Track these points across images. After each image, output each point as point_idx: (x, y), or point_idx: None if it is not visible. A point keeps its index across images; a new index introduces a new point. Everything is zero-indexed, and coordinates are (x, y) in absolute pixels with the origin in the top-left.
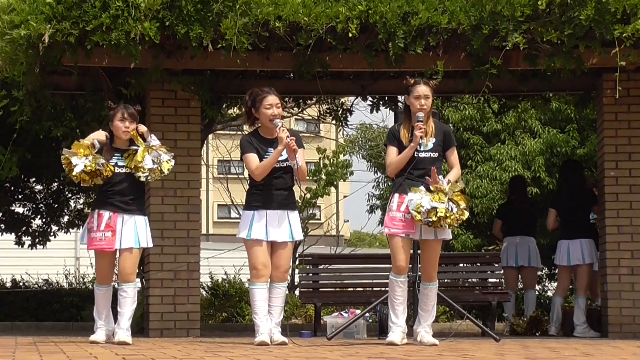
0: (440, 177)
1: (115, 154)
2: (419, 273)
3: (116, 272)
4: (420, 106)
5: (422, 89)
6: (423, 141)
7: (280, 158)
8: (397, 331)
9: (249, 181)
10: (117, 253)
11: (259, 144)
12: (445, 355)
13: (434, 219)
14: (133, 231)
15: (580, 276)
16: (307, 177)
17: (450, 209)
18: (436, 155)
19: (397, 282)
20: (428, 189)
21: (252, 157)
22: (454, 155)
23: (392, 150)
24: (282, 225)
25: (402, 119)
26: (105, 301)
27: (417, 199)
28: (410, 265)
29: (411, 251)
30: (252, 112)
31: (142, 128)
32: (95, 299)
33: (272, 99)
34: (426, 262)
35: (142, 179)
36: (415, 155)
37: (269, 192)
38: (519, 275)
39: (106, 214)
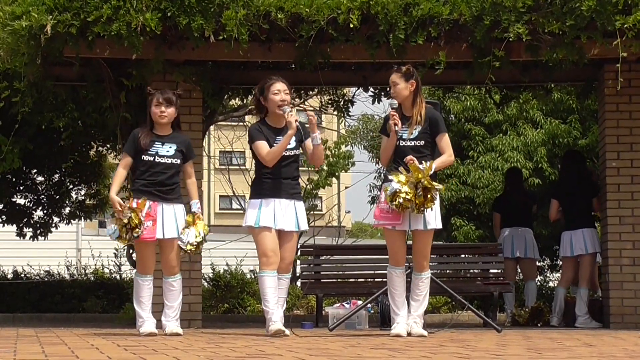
0: (425, 164)
1: (157, 142)
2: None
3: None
4: (392, 94)
5: (391, 77)
6: (406, 130)
7: (290, 146)
8: (401, 323)
9: (255, 170)
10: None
11: (268, 133)
12: (447, 346)
13: (396, 202)
14: (174, 221)
15: (583, 267)
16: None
17: (418, 194)
18: (422, 143)
19: (395, 274)
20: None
21: (263, 144)
22: (443, 141)
23: (383, 140)
24: (289, 215)
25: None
26: (148, 292)
27: (392, 183)
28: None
29: (409, 242)
30: (261, 101)
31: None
32: (137, 291)
33: (280, 85)
34: (417, 253)
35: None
36: (399, 144)
37: (278, 180)
38: (517, 266)
39: (146, 204)
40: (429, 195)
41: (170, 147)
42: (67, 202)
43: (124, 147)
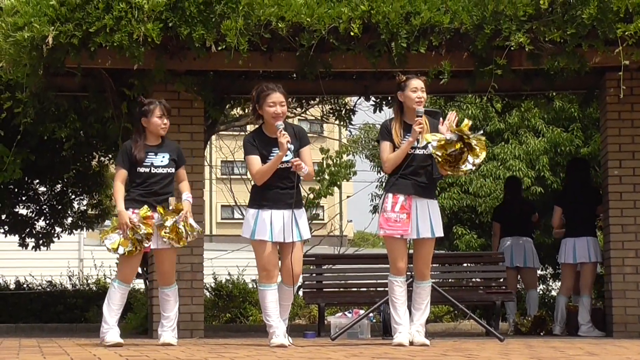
0: (451, 135)
1: (150, 153)
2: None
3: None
4: (418, 99)
5: (418, 82)
6: (409, 138)
7: (285, 158)
8: (403, 332)
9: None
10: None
11: (263, 144)
12: (450, 355)
13: (442, 152)
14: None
15: (585, 275)
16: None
17: (456, 153)
18: (429, 152)
19: (397, 283)
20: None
21: (254, 160)
22: None
23: (387, 146)
24: (290, 225)
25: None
26: (122, 300)
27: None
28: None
29: (410, 250)
30: (257, 109)
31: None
32: (112, 297)
33: (276, 96)
34: (420, 260)
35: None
36: (411, 151)
37: (276, 191)
38: (518, 276)
39: (147, 210)
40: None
41: (164, 157)
42: (69, 212)
43: (118, 161)
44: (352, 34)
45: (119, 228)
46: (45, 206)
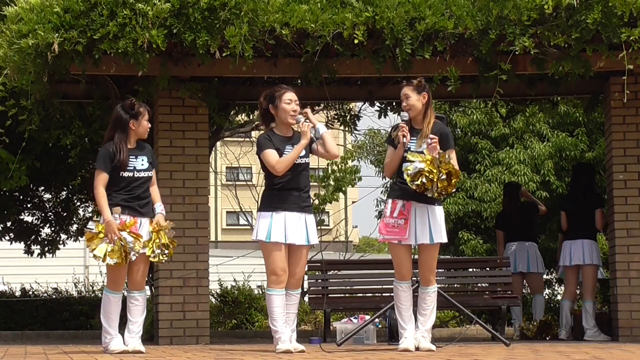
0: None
1: (131, 157)
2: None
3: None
4: (404, 107)
5: (403, 90)
6: (414, 142)
7: (301, 154)
8: (409, 337)
9: (265, 181)
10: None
11: (278, 142)
12: None
13: (418, 182)
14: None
15: (585, 279)
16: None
17: (441, 177)
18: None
19: (401, 288)
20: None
21: (272, 152)
22: (451, 157)
23: (389, 150)
24: (300, 229)
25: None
26: (118, 308)
27: (412, 163)
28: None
29: (415, 256)
30: (270, 109)
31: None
32: (107, 307)
33: (291, 94)
34: (423, 266)
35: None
36: (405, 156)
37: (288, 192)
38: (524, 281)
39: (127, 219)
40: (452, 181)
41: (143, 160)
42: (74, 219)
43: (99, 165)
44: (356, 40)
45: (106, 236)
46: (50, 213)
